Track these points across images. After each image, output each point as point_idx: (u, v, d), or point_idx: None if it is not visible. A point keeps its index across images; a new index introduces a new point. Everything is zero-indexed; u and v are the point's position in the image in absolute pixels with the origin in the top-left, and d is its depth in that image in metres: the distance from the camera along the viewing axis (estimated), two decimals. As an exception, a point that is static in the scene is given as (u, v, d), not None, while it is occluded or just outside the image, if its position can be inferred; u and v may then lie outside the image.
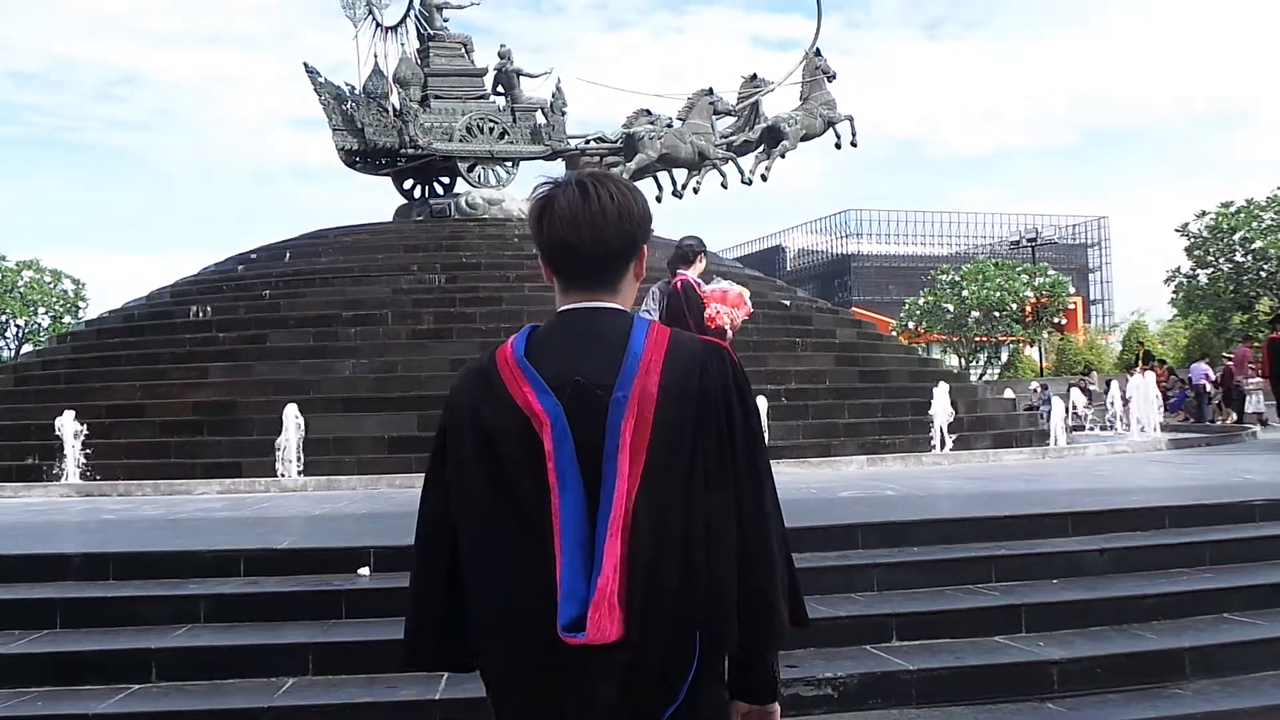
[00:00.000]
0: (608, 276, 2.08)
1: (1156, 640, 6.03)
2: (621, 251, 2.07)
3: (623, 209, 2.05)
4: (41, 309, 46.25)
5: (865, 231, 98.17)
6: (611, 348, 2.00)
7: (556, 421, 1.95)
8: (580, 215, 2.03)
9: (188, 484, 12.92)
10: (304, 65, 21.57)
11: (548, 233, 2.07)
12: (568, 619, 1.88)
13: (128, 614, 6.35)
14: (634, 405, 1.94)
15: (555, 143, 22.31)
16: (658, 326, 2.05)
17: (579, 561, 1.90)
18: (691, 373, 1.99)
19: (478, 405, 2.05)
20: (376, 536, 7.84)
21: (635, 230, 2.08)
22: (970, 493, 10.57)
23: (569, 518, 1.92)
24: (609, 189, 2.06)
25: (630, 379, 1.96)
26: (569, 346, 2.03)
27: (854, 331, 20.69)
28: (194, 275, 21.26)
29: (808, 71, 24.08)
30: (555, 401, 1.96)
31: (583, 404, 1.96)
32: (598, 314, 2.07)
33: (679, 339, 2.04)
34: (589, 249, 2.04)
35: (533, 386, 1.98)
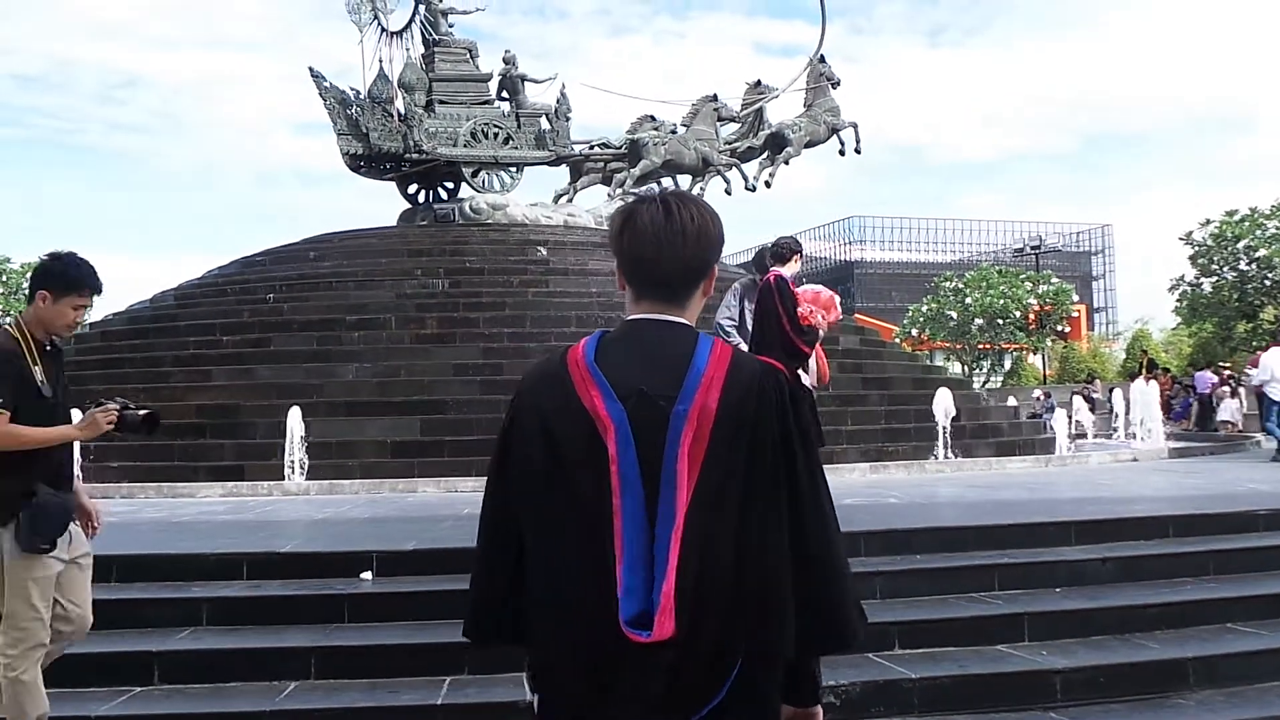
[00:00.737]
0: (679, 293, 2.16)
1: (1160, 650, 6.02)
2: (696, 271, 2.16)
3: (701, 230, 2.14)
4: (45, 311, 46.34)
5: (869, 238, 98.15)
6: (676, 361, 2.08)
7: (621, 427, 2.03)
8: (661, 233, 2.11)
9: (190, 487, 12.92)
10: (309, 70, 21.63)
11: (628, 246, 2.15)
12: (630, 614, 1.96)
13: (130, 616, 6.34)
14: (694, 419, 2.03)
15: (559, 148, 22.34)
16: (720, 345, 2.13)
17: (640, 561, 1.98)
18: (750, 393, 2.07)
19: (545, 406, 2.12)
20: (379, 541, 7.85)
21: (710, 252, 2.17)
22: (973, 501, 10.56)
23: (630, 519, 2.00)
24: (690, 210, 2.14)
25: (692, 393, 2.05)
26: (637, 356, 2.11)
27: (857, 338, 20.68)
28: (198, 278, 21.30)
29: (812, 78, 24.12)
30: (621, 408, 2.04)
31: (646, 413, 2.04)
32: (666, 327, 2.15)
33: (740, 359, 2.12)
34: (666, 266, 2.13)
35: (601, 392, 2.06)
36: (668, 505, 1.99)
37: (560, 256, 19.75)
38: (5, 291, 45.55)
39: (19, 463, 4.28)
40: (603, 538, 2.01)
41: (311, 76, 21.61)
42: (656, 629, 1.95)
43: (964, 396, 19.05)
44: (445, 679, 5.59)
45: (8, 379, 4.31)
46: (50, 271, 4.52)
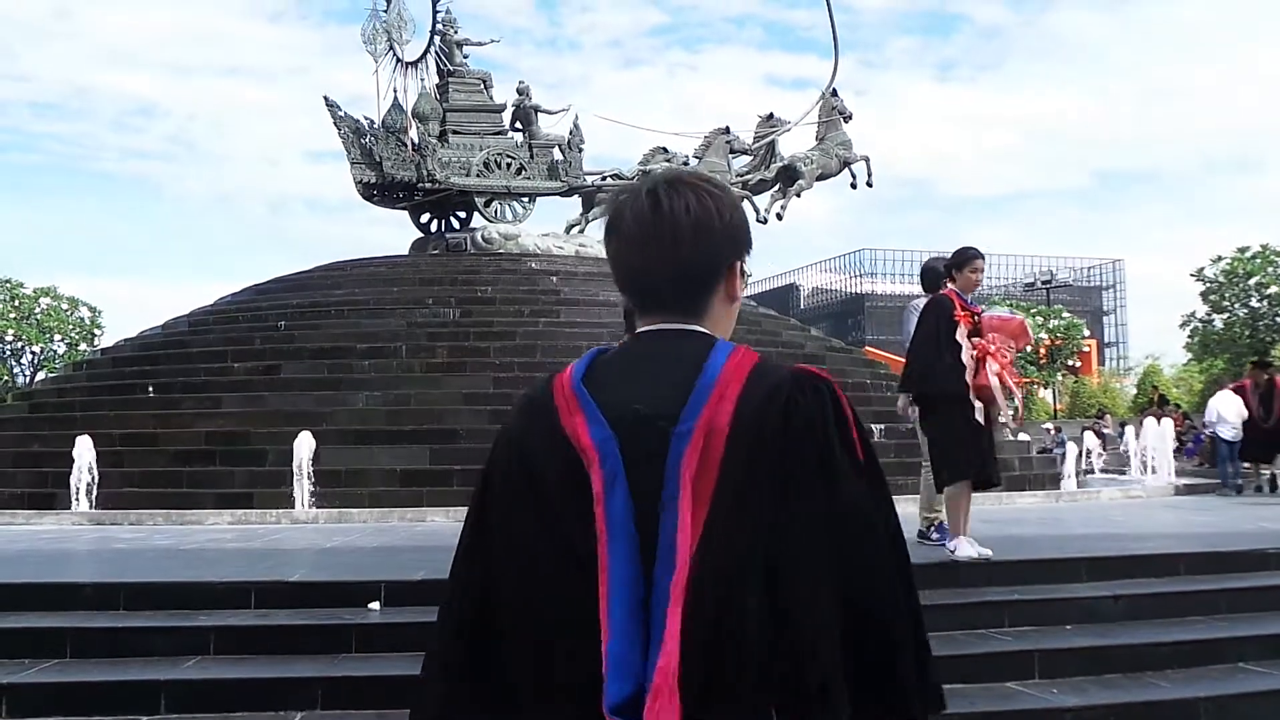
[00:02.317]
0: (687, 301, 1.72)
1: (1171, 689, 5.97)
2: (701, 274, 1.72)
3: (700, 222, 1.68)
4: (58, 336, 46.45)
5: (879, 271, 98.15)
6: (684, 374, 1.63)
7: (608, 458, 1.61)
8: (649, 233, 1.68)
9: (199, 514, 12.94)
10: (324, 99, 21.81)
11: (614, 255, 1.74)
12: (618, 699, 1.52)
13: (138, 645, 6.34)
14: (699, 440, 1.58)
15: (572, 179, 22.45)
16: (743, 351, 1.67)
17: (632, 629, 1.55)
18: (774, 404, 1.60)
19: (527, 440, 1.69)
20: (387, 571, 7.84)
21: (717, 247, 1.71)
22: (982, 536, 10.42)
23: (619, 574, 1.57)
24: (685, 197, 1.69)
25: (699, 409, 1.60)
26: (635, 372, 1.68)
27: (867, 371, 20.67)
28: (210, 305, 21.38)
29: (824, 111, 24.23)
30: (609, 434, 1.61)
31: (642, 438, 1.60)
32: (671, 335, 1.70)
33: (764, 367, 1.65)
34: (661, 273, 1.70)
35: (585, 416, 1.64)
36: (667, 553, 1.56)
37: (572, 287, 19.80)
38: (18, 316, 45.70)
39: None
40: (587, 599, 1.57)
41: (326, 105, 21.78)
42: (649, 717, 1.50)
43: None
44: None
45: None
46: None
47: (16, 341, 45.95)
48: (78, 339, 46.64)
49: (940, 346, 7.40)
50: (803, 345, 20.50)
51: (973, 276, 7.70)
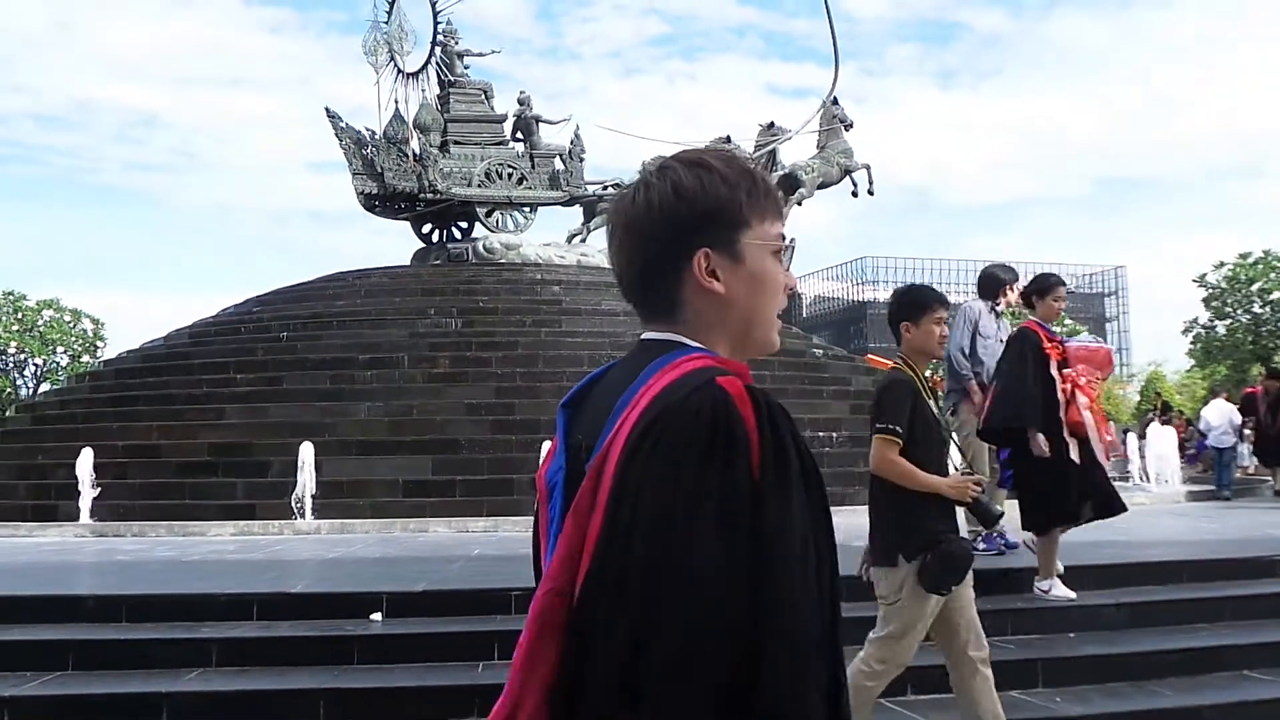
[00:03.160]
0: (653, 299, 1.53)
1: (1175, 697, 5.95)
2: (657, 258, 1.50)
3: (667, 203, 1.47)
4: (60, 348, 46.51)
5: (881, 278, 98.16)
6: (618, 393, 1.46)
7: (553, 494, 1.48)
8: (627, 219, 1.52)
9: (202, 525, 12.93)
10: (325, 110, 21.87)
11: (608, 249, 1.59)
12: None
13: (140, 657, 6.33)
14: (592, 473, 1.40)
15: (573, 189, 22.49)
16: (679, 364, 1.43)
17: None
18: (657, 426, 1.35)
19: None
20: (389, 582, 7.83)
21: (682, 220, 1.48)
22: (986, 544, 10.47)
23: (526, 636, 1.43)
24: (671, 175, 1.50)
25: (604, 438, 1.41)
26: (605, 392, 1.51)
27: (869, 379, 20.64)
28: (212, 317, 21.43)
29: (825, 120, 24.26)
30: (560, 466, 1.49)
31: (579, 470, 1.44)
32: (641, 346, 1.53)
33: (676, 384, 1.40)
34: (626, 267, 1.53)
35: (556, 445, 1.53)
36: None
37: (573, 296, 19.81)
38: (21, 329, 45.74)
39: (928, 500, 4.34)
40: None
41: (328, 117, 21.83)
42: None
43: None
44: (454, 722, 5.55)
45: (903, 409, 4.37)
46: (906, 302, 4.76)
47: (20, 354, 46.00)
48: (80, 351, 46.69)
49: (1032, 381, 6.91)
50: (804, 353, 20.50)
51: (1055, 305, 7.30)
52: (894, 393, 4.48)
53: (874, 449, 4.37)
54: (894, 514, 4.38)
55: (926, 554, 4.26)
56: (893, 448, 4.33)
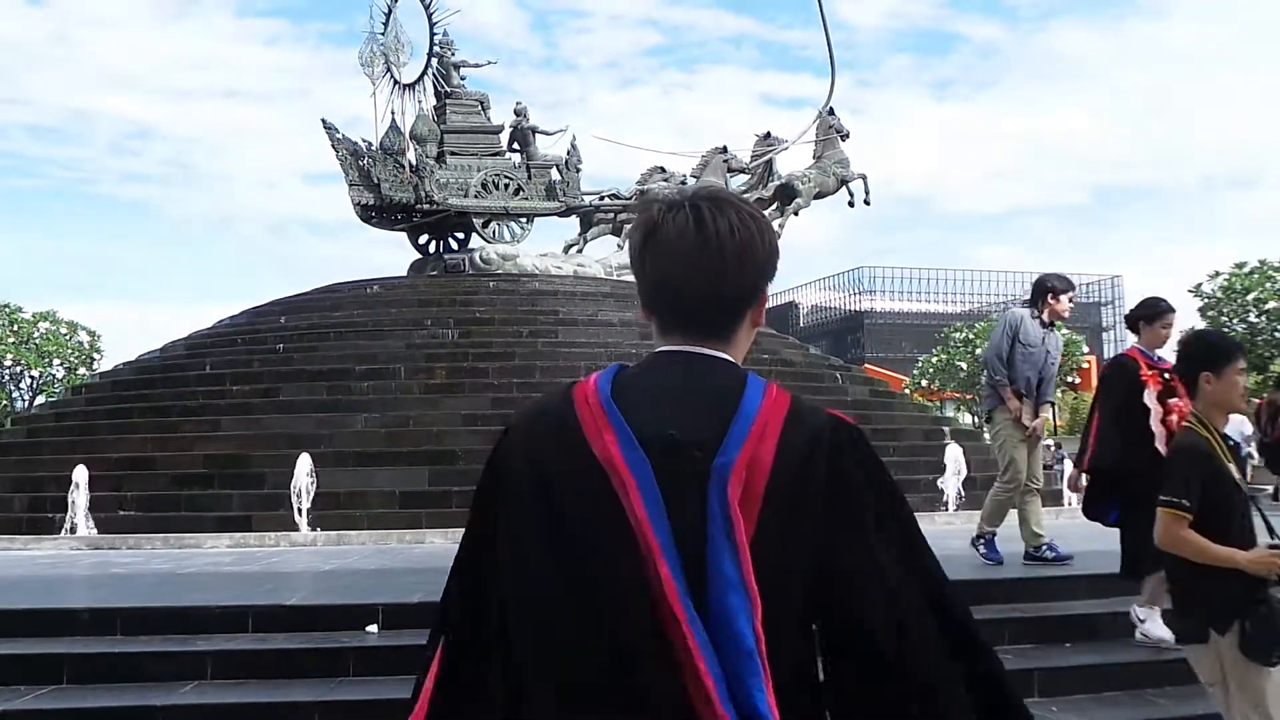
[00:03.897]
0: (719, 326, 1.66)
1: (1171, 706, 5.95)
2: (738, 299, 1.66)
3: (745, 246, 1.62)
4: (57, 360, 46.39)
5: (878, 288, 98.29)
6: (718, 403, 1.58)
7: (645, 482, 1.52)
8: (692, 251, 1.61)
9: (197, 537, 12.91)
10: (322, 121, 21.87)
11: (650, 269, 1.66)
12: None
13: (135, 670, 6.33)
14: (740, 474, 1.53)
15: (570, 199, 22.49)
16: (777, 389, 1.64)
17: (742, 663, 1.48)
18: (819, 446, 1.60)
19: (544, 455, 1.60)
20: (385, 593, 7.81)
21: (759, 273, 1.66)
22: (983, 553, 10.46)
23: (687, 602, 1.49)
24: (729, 218, 1.63)
25: (740, 442, 1.54)
26: (665, 395, 1.60)
27: (866, 389, 20.67)
28: (208, 328, 21.40)
29: (821, 130, 24.31)
30: (643, 457, 1.53)
31: (676, 465, 1.53)
32: (701, 360, 1.64)
33: (803, 406, 1.64)
34: (699, 294, 1.63)
35: (618, 435, 1.55)
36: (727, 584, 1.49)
37: (570, 307, 19.81)
38: (17, 341, 45.67)
39: None
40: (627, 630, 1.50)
41: (324, 128, 21.83)
42: None
43: (974, 448, 18.98)
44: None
45: (1193, 479, 3.87)
46: (1208, 349, 4.17)
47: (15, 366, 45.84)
48: (76, 363, 46.54)
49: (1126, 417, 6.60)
50: (801, 363, 20.51)
51: (1163, 332, 7.09)
52: (1183, 460, 3.98)
53: (1159, 524, 3.91)
54: (1194, 582, 3.93)
55: (1243, 621, 3.76)
56: (1180, 523, 3.85)
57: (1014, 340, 8.28)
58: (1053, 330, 8.53)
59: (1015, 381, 8.28)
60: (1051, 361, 8.51)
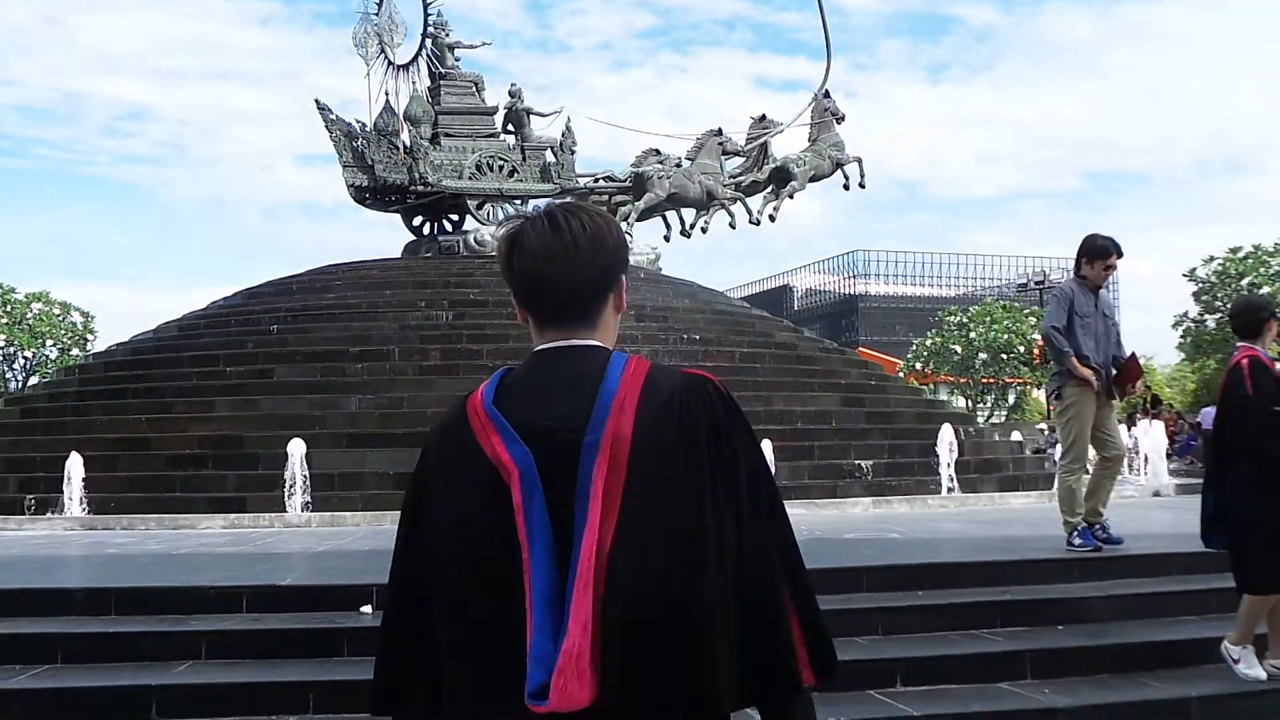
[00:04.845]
0: (583, 312, 1.92)
1: (1163, 689, 5.98)
2: (596, 283, 1.91)
3: (595, 238, 1.89)
4: (50, 341, 46.30)
5: (873, 272, 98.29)
6: (585, 388, 1.82)
7: (526, 471, 1.77)
8: (552, 247, 1.88)
9: (192, 518, 12.92)
10: (316, 102, 21.76)
11: (518, 268, 1.92)
12: (534, 685, 1.69)
13: (129, 650, 6.33)
14: (606, 449, 1.76)
15: (564, 181, 22.42)
16: (636, 361, 1.87)
17: (549, 623, 1.72)
18: (671, 410, 1.81)
19: (446, 457, 1.89)
20: (379, 574, 7.76)
21: (610, 259, 1.92)
22: (976, 536, 10.52)
23: (539, 575, 1.74)
24: (580, 218, 1.91)
25: (603, 420, 1.78)
26: (540, 389, 1.87)
27: (861, 372, 20.70)
28: (201, 309, 21.35)
29: (816, 113, 24.27)
30: (524, 449, 1.79)
31: (553, 451, 1.78)
32: (572, 352, 1.90)
33: (657, 373, 1.86)
34: (561, 282, 1.89)
35: (500, 434, 1.81)
36: (576, 553, 1.73)
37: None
38: (10, 321, 45.55)
39: None
40: (514, 600, 1.74)
41: (318, 109, 21.74)
42: (554, 696, 1.67)
43: (968, 431, 19.04)
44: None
45: None
46: None
47: (9, 347, 45.75)
48: (70, 344, 46.44)
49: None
50: (795, 346, 20.51)
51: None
52: None
53: None
54: None
55: None
56: None
57: (1070, 312, 8.06)
58: (1103, 295, 8.37)
59: (1083, 359, 8.01)
60: (1113, 325, 8.37)
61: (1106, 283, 8.35)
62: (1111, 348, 8.27)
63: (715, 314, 20.39)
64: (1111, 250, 8.09)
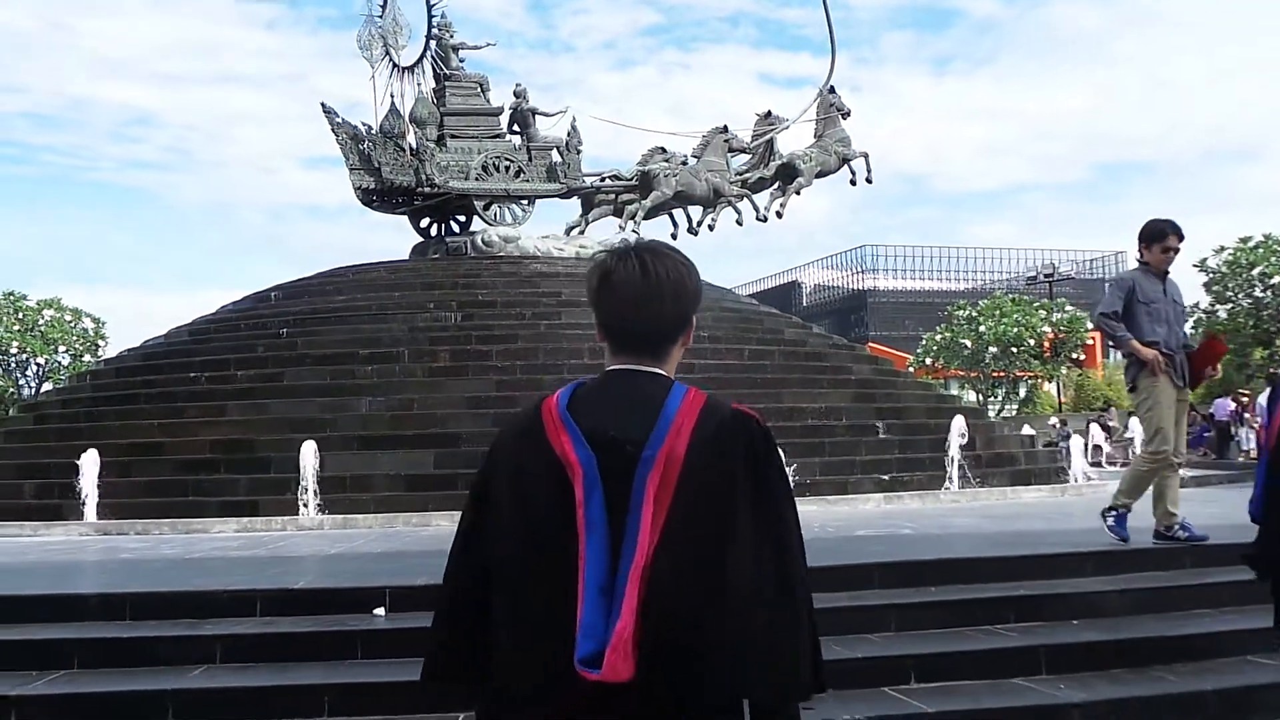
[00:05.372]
0: (656, 347, 2.20)
1: (1179, 683, 5.96)
2: (672, 326, 2.20)
3: (678, 287, 2.17)
4: (62, 347, 46.38)
5: (881, 267, 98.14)
6: (647, 408, 2.12)
7: (589, 471, 2.07)
8: (638, 292, 2.15)
9: (205, 522, 12.95)
10: (321, 105, 21.79)
11: (606, 306, 2.20)
12: (585, 654, 1.98)
13: (144, 655, 6.36)
14: (660, 464, 2.06)
15: (571, 180, 22.42)
16: (694, 392, 2.15)
17: (599, 602, 2.00)
18: (720, 437, 2.10)
19: (520, 451, 2.17)
20: (392, 576, 7.84)
21: (688, 308, 2.21)
22: (988, 531, 10.50)
23: (593, 561, 2.03)
24: (666, 265, 2.17)
25: (661, 439, 2.08)
26: (609, 404, 2.15)
27: (870, 368, 20.65)
28: (211, 314, 21.40)
29: (822, 109, 24.22)
30: (590, 453, 2.08)
31: (614, 458, 2.07)
32: (640, 377, 2.18)
33: (712, 403, 2.15)
34: (643, 325, 2.18)
35: (570, 437, 2.10)
36: (630, 548, 2.02)
37: (573, 289, 19.76)
38: (22, 329, 45.69)
39: None
40: (568, 580, 2.03)
41: (324, 112, 21.77)
42: (606, 668, 1.96)
43: (979, 426, 19.00)
44: (459, 715, 5.57)
45: None
46: None
47: (21, 354, 45.86)
48: (82, 350, 46.53)
49: None
50: (805, 343, 20.49)
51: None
52: None
53: None
54: None
55: None
56: None
57: (1130, 300, 7.87)
58: (1170, 280, 8.11)
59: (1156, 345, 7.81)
60: (1180, 310, 8.16)
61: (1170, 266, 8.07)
62: (1184, 334, 8.11)
63: (723, 311, 20.36)
64: (1169, 232, 7.90)
